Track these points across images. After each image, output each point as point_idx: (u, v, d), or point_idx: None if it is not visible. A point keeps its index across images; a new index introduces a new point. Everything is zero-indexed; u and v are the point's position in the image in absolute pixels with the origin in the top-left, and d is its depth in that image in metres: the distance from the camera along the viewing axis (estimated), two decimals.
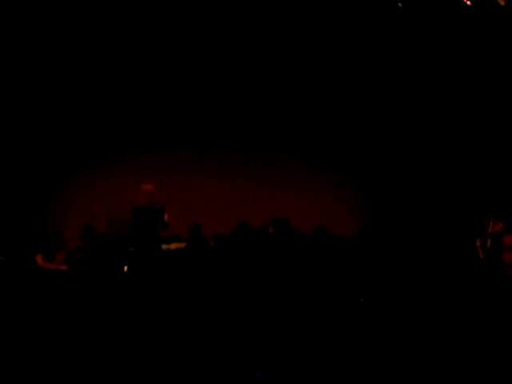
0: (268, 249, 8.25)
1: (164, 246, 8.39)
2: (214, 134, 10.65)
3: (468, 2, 9.05)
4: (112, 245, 8.48)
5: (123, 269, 7.99)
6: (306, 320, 6.48)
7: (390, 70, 10.70)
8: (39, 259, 8.05)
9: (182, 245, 8.61)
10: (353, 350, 5.37)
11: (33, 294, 7.49)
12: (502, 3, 8.78)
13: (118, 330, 6.40)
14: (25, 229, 9.03)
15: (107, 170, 10.19)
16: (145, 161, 10.21)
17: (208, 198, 10.23)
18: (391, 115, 10.81)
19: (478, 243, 8.19)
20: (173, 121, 10.55)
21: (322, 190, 10.66)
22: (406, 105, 10.76)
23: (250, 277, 7.78)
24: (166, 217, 8.07)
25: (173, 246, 8.65)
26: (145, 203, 8.04)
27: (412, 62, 10.52)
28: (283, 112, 10.80)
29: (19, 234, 8.88)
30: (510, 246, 7.86)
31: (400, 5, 9.50)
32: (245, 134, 10.72)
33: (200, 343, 5.55)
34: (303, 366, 4.88)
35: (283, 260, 8.01)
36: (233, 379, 4.63)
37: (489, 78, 10.35)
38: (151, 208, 8.02)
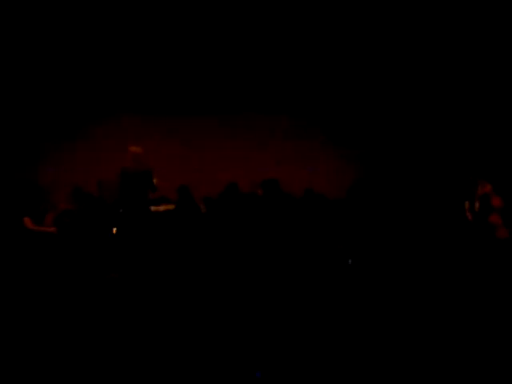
0: (258, 210, 8.25)
1: (153, 208, 8.37)
2: (200, 96, 10.52)
3: None
4: (101, 207, 8.48)
5: (112, 231, 7.99)
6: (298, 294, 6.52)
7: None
8: (28, 222, 8.03)
9: (171, 206, 8.62)
10: (348, 338, 5.39)
11: (21, 256, 7.51)
12: None
13: (108, 296, 6.43)
14: (13, 191, 8.97)
15: (95, 131, 10.10)
16: (132, 123, 10.11)
17: (196, 160, 10.20)
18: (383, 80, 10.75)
19: (466, 205, 8.21)
20: (159, 83, 10.41)
21: (310, 151, 10.63)
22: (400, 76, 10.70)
23: (240, 239, 7.80)
24: (154, 180, 8.02)
25: (161, 207, 8.65)
26: (133, 165, 7.97)
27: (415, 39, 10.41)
28: (271, 71, 10.65)
29: (7, 196, 8.83)
30: (497, 207, 7.88)
31: None
32: (231, 94, 10.59)
33: (195, 330, 5.56)
34: (303, 365, 4.90)
35: (273, 222, 8.03)
36: (233, 379, 4.65)
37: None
38: (139, 170, 7.97)
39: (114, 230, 7.96)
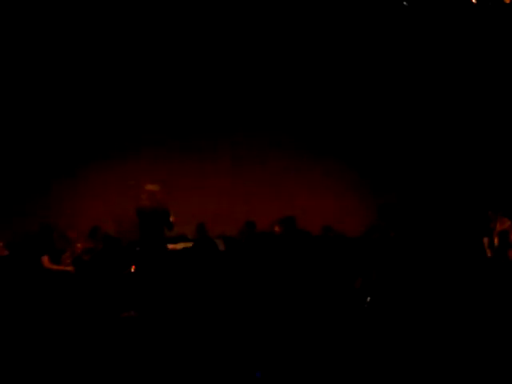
0: (275, 249, 8.23)
1: (170, 246, 8.36)
2: (218, 133, 10.56)
3: (473, 0, 8.99)
4: (118, 246, 8.51)
5: (130, 269, 7.99)
6: (310, 320, 6.47)
7: (392, 68, 10.64)
8: (45, 261, 8.04)
9: (189, 244, 8.61)
10: (353, 350, 5.35)
11: (38, 294, 7.51)
12: (508, 1, 8.73)
13: (124, 331, 6.41)
14: (31, 230, 9.00)
15: (112, 170, 10.13)
16: (150, 160, 10.15)
17: (213, 196, 10.18)
18: (398, 115, 10.74)
19: (485, 241, 8.16)
20: (177, 120, 10.46)
21: (328, 187, 10.60)
22: (415, 102, 10.68)
23: (256, 277, 7.78)
24: (171, 217, 8.02)
25: (179, 245, 8.64)
26: (149, 204, 7.98)
27: (416, 58, 10.45)
28: (289, 107, 10.69)
29: (25, 236, 8.86)
30: None
31: (405, 3, 9.43)
32: (250, 131, 10.61)
33: (201, 343, 5.54)
34: (303, 366, 4.86)
35: (291, 260, 8.00)
36: (233, 379, 4.62)
37: (492, 77, 10.31)
38: (156, 208, 7.97)
39: (132, 268, 7.96)
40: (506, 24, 9.56)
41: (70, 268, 8.03)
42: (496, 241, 8.01)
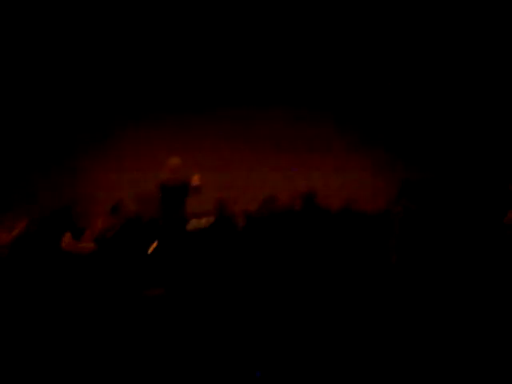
0: (295, 227, 8.20)
1: (194, 220, 8.32)
2: (233, 107, 10.55)
3: None
4: (140, 223, 8.46)
5: (152, 246, 7.95)
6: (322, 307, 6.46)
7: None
8: (67, 238, 7.96)
9: (212, 219, 8.57)
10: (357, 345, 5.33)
11: (61, 272, 7.46)
12: None
13: (152, 311, 6.39)
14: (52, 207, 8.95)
15: (135, 145, 10.13)
16: (172, 136, 10.14)
17: (234, 172, 10.18)
18: (422, 90, 10.74)
19: (510, 215, 8.14)
20: (201, 97, 10.45)
21: (349, 163, 10.61)
22: (441, 75, 10.67)
23: (277, 255, 7.75)
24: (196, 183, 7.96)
25: (203, 220, 8.60)
26: (172, 179, 7.94)
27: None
28: (307, 80, 10.67)
29: (48, 213, 8.81)
30: None
31: None
32: (266, 104, 10.60)
33: (204, 336, 5.52)
34: (303, 366, 4.84)
35: (310, 238, 7.98)
36: (233, 379, 4.59)
37: None
38: (179, 184, 7.93)
39: (155, 244, 7.91)
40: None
41: (91, 245, 7.96)
42: None
